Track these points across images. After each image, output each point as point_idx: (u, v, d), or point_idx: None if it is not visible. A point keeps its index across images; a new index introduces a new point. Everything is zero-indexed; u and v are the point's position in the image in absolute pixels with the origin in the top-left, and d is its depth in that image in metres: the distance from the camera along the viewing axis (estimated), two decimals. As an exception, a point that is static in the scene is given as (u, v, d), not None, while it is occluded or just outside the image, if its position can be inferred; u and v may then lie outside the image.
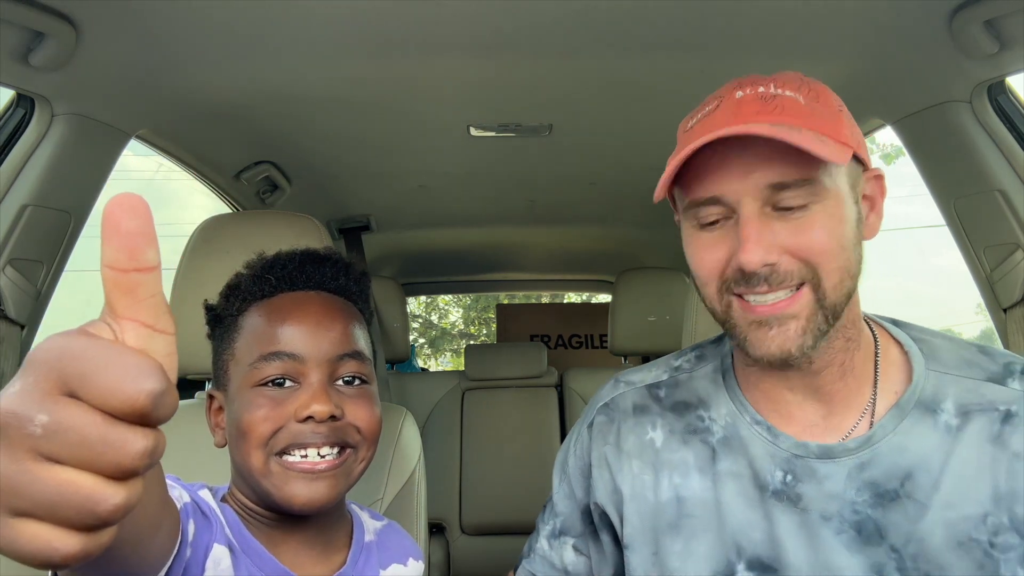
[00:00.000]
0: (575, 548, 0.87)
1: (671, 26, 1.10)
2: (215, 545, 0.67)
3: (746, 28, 1.10)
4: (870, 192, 0.72)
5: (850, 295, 0.67)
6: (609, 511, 0.81)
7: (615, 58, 1.20)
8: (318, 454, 0.70)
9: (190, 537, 0.64)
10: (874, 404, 0.72)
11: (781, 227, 0.65)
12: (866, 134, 1.48)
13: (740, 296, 0.67)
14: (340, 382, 0.74)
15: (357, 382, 0.75)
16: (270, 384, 0.72)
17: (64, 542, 0.30)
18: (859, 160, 0.69)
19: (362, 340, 0.79)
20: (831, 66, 1.23)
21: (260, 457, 0.70)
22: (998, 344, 1.26)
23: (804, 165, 0.63)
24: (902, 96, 1.25)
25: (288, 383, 0.72)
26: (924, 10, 1.03)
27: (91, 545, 0.31)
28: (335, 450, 0.72)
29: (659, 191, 0.67)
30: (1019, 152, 1.16)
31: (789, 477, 0.71)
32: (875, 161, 0.75)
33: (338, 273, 0.81)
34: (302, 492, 0.69)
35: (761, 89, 0.67)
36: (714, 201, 0.66)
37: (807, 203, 0.64)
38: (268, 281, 0.78)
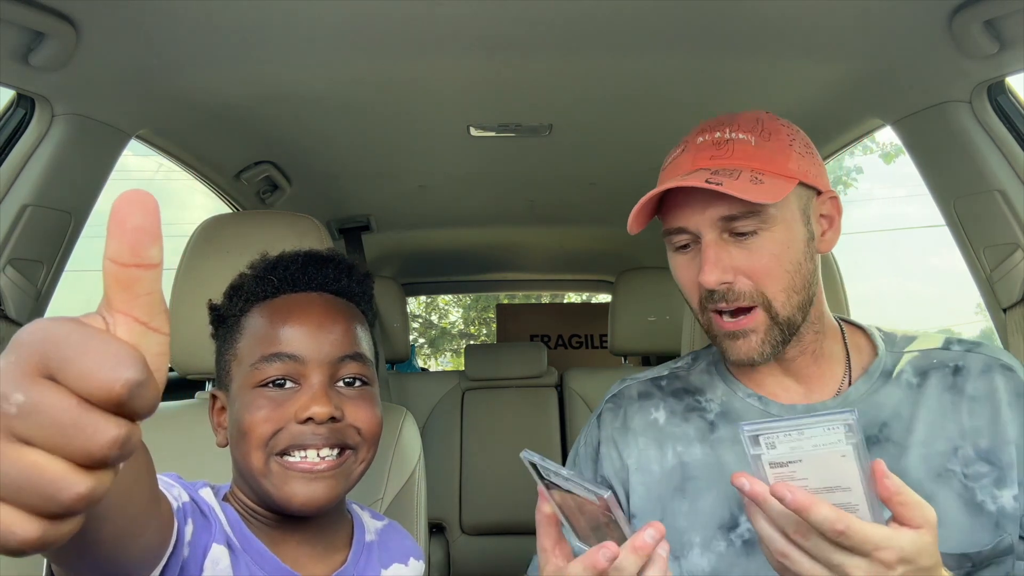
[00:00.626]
0: None
1: (671, 26, 1.10)
2: (214, 545, 0.67)
3: (746, 28, 1.10)
4: (827, 212, 0.83)
5: (804, 306, 0.80)
6: (615, 485, 0.88)
7: (615, 58, 1.21)
8: (318, 455, 0.70)
9: (188, 537, 0.63)
10: (848, 377, 0.84)
11: (736, 251, 0.78)
12: (866, 134, 1.48)
13: (716, 312, 0.80)
14: (341, 383, 0.74)
15: (358, 383, 0.75)
16: (271, 385, 0.72)
17: (23, 527, 0.30)
18: (814, 184, 0.81)
19: (364, 341, 0.78)
20: (831, 66, 1.23)
21: (260, 457, 0.70)
22: (998, 344, 1.26)
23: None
24: (902, 96, 1.25)
25: (289, 384, 0.72)
26: (924, 10, 1.03)
27: (51, 534, 0.30)
28: (335, 451, 0.71)
29: (631, 225, 0.82)
30: (1019, 152, 1.16)
31: None
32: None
33: (340, 274, 0.81)
34: (301, 492, 0.69)
35: (718, 135, 0.81)
36: (682, 230, 0.80)
37: (756, 229, 0.77)
38: (270, 282, 0.78)
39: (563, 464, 1.01)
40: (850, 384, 0.83)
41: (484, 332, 11.10)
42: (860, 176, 8.13)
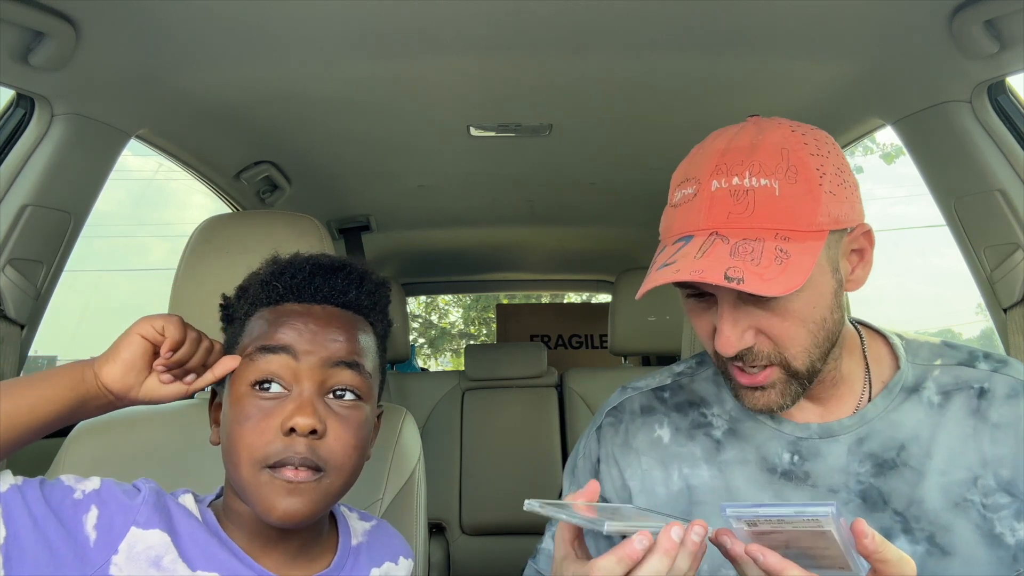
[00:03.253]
0: None
1: (671, 26, 1.10)
2: (132, 528, 0.68)
3: (746, 28, 1.10)
4: (859, 246, 0.75)
5: (825, 354, 0.74)
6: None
7: (615, 58, 1.20)
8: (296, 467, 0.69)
9: (91, 522, 0.67)
10: (868, 392, 0.79)
11: (756, 310, 0.70)
12: (866, 134, 1.48)
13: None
14: (332, 395, 0.72)
15: (350, 396, 0.73)
16: (259, 387, 0.71)
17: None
18: (845, 224, 0.72)
19: (367, 353, 0.76)
20: (831, 66, 1.23)
21: (246, 468, 0.69)
22: (998, 344, 1.26)
23: None
24: (902, 96, 1.25)
25: (277, 388, 0.71)
26: (924, 10, 1.03)
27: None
28: (311, 471, 0.70)
29: (640, 295, 0.73)
30: (1019, 152, 1.16)
31: (796, 457, 0.78)
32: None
33: (349, 286, 0.78)
34: (280, 504, 0.68)
35: (736, 180, 0.69)
36: (694, 286, 0.73)
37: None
38: (276, 289, 0.77)
39: (558, 478, 1.00)
40: (869, 399, 0.79)
41: (484, 332, 11.10)
42: (860, 176, 8.14)
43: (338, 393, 0.73)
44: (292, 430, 0.68)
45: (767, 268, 0.65)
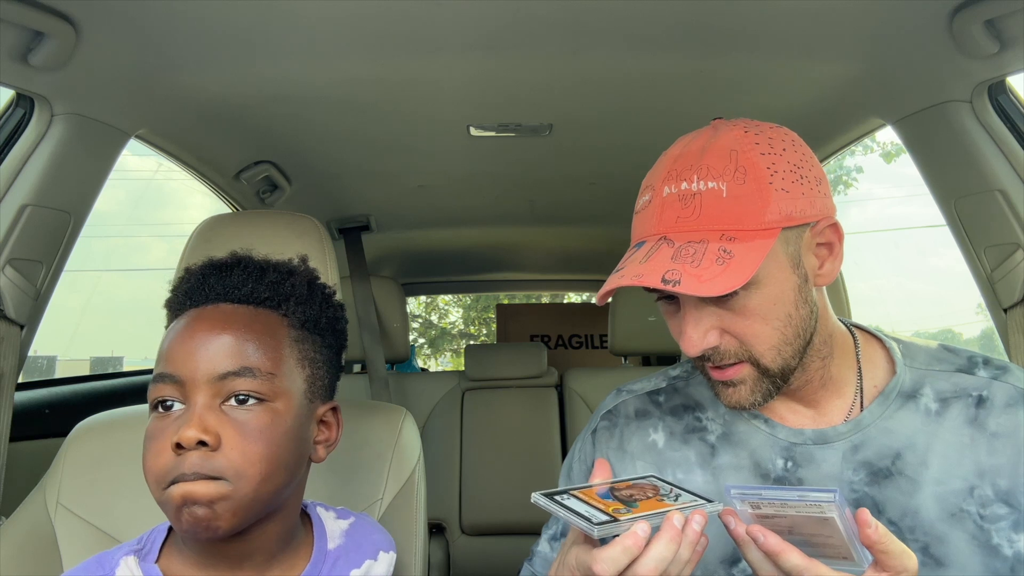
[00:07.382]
0: None
1: (671, 25, 1.10)
2: None
3: (746, 28, 1.10)
4: (826, 240, 0.74)
5: (799, 352, 0.73)
6: None
7: (615, 58, 1.20)
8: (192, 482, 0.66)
9: None
10: (860, 397, 0.78)
11: (718, 310, 0.71)
12: (866, 134, 1.48)
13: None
14: (232, 401, 0.68)
15: (252, 401, 0.69)
16: (161, 407, 0.69)
17: None
18: (803, 220, 0.72)
19: (267, 353, 0.71)
20: (831, 66, 1.23)
21: (154, 489, 0.67)
22: (999, 344, 1.26)
23: None
24: (902, 96, 1.25)
25: (177, 405, 0.69)
26: (924, 10, 1.03)
27: None
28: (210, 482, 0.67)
29: (600, 300, 0.75)
30: (1019, 152, 1.16)
31: (790, 463, 0.77)
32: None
33: (245, 280, 0.75)
34: (188, 519, 0.66)
35: (684, 185, 0.70)
36: (659, 290, 0.73)
37: (736, 292, 0.69)
38: (176, 298, 0.75)
39: (558, 478, 1.01)
40: (862, 407, 0.78)
41: (484, 332, 11.10)
42: (860, 176, 8.14)
43: (240, 398, 0.69)
44: (181, 446, 0.65)
45: (706, 269, 0.66)
